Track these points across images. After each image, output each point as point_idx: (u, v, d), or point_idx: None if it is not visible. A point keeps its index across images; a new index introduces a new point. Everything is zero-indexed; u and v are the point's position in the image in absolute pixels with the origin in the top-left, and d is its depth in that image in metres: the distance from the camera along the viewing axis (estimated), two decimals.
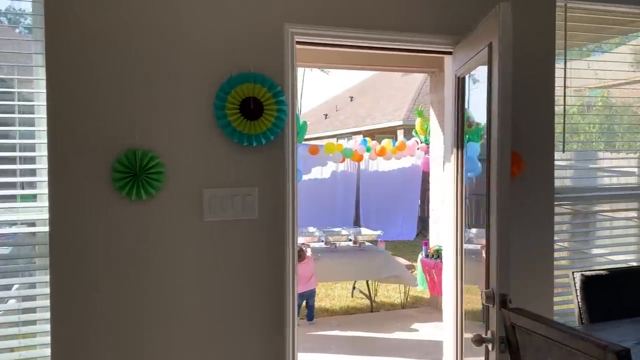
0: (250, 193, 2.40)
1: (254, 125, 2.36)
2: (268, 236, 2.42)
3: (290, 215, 2.44)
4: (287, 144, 2.43)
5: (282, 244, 2.44)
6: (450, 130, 2.75)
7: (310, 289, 5.74)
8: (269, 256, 2.43)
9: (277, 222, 2.43)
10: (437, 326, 5.73)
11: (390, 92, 22.14)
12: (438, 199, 6.53)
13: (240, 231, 2.39)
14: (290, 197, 2.44)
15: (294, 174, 2.45)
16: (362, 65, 6.11)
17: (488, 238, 2.02)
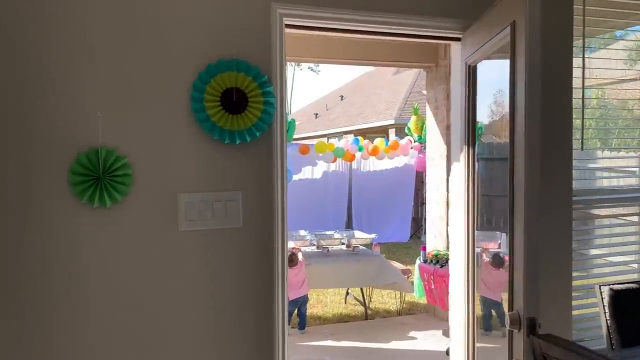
0: (233, 198, 2.08)
1: (237, 119, 2.05)
2: (255, 248, 2.11)
3: (280, 223, 2.13)
4: (275, 141, 2.12)
5: (271, 257, 2.13)
6: (459, 125, 2.46)
7: (302, 296, 5.43)
8: (256, 270, 2.12)
9: (264, 231, 2.12)
10: (435, 335, 5.45)
11: (381, 90, 21.89)
12: (435, 200, 6.24)
13: (222, 242, 2.07)
14: (280, 202, 2.13)
15: (284, 176, 2.14)
16: (354, 60, 5.81)
17: (512, 250, 1.72)
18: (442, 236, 6.03)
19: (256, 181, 2.11)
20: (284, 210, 2.15)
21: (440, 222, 6.06)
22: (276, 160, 2.12)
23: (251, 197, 2.10)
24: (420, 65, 6.23)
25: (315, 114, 26.11)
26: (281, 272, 2.12)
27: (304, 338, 5.41)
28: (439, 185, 6.07)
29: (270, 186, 2.12)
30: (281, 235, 2.13)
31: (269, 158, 2.12)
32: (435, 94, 6.13)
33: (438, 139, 6.07)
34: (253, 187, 2.10)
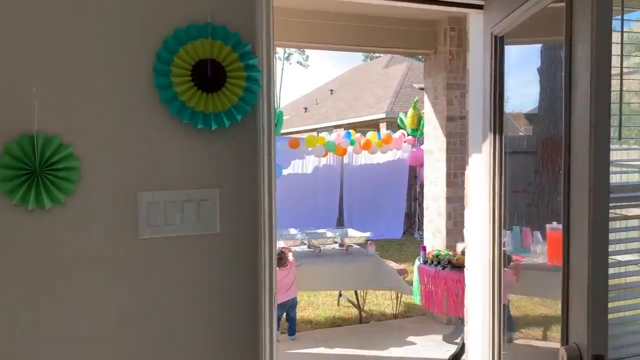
0: (208, 197, 1.67)
1: (212, 99, 1.64)
2: (236, 259, 1.70)
3: (267, 227, 1.72)
4: (261, 126, 1.71)
5: (255, 270, 1.72)
6: (479, 110, 2.06)
7: (290, 299, 5.04)
8: (237, 288, 1.71)
9: (248, 238, 1.72)
10: (435, 340, 5.09)
11: (371, 84, 21.56)
12: (433, 196, 5.87)
13: (194, 253, 1.66)
14: (267, 202, 1.72)
15: (272, 169, 1.74)
16: (347, 46, 5.42)
17: (567, 263, 1.34)
18: (440, 234, 5.66)
19: (237, 176, 1.70)
20: (272, 211, 1.75)
21: (439, 219, 5.69)
22: (262, 150, 1.71)
23: (231, 195, 1.69)
24: (418, 52, 5.85)
25: (305, 108, 25.72)
26: (268, 290, 1.72)
27: (294, 345, 5.03)
28: (438, 180, 5.69)
29: (254, 182, 1.71)
30: (268, 243, 1.72)
31: (253, 147, 1.71)
32: (434, 83, 5.75)
33: (437, 131, 5.70)
34: (233, 183, 1.70)
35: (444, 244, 5.62)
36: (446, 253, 4.73)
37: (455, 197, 5.61)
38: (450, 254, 4.71)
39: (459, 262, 4.51)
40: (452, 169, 5.59)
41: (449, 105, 5.55)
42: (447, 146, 5.56)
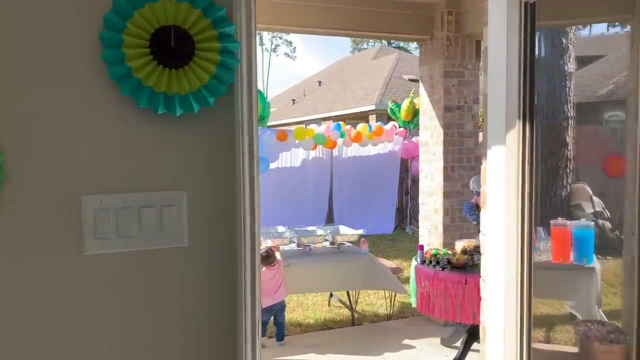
0: (173, 201, 1.33)
1: (177, 77, 1.29)
2: (209, 279, 1.36)
3: (248, 238, 1.38)
4: (239, 111, 1.37)
5: (234, 293, 1.38)
6: (501, 93, 1.74)
7: (278, 302, 4.70)
8: (212, 317, 1.37)
9: (224, 253, 1.37)
10: (432, 343, 4.80)
11: (360, 75, 21.21)
12: (429, 191, 5.56)
13: (156, 272, 1.32)
14: (247, 206, 1.38)
15: (253, 164, 1.39)
16: (336, 30, 5.06)
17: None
18: (437, 231, 5.36)
19: (210, 174, 1.35)
20: (255, 217, 1.40)
21: (436, 215, 5.39)
22: (241, 141, 1.37)
23: (203, 199, 1.35)
24: (413, 37, 5.51)
25: (293, 100, 25.31)
26: (250, 319, 1.38)
27: (283, 351, 4.70)
28: (434, 174, 5.38)
29: (232, 182, 1.37)
30: (250, 257, 1.38)
31: (230, 138, 1.37)
32: (430, 71, 5.42)
33: (434, 122, 5.38)
34: (205, 183, 1.35)
35: (440, 241, 5.32)
36: (445, 252, 4.42)
37: (453, 192, 5.31)
38: (449, 253, 4.40)
39: (459, 262, 4.21)
40: (450, 162, 5.28)
41: (447, 95, 5.23)
42: (445, 138, 5.25)
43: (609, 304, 4.39)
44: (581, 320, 3.92)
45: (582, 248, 3.73)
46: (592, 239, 3.76)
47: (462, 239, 4.87)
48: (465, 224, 5.24)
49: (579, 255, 3.72)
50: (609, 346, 3.30)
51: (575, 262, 3.71)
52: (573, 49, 5.70)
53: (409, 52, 34.36)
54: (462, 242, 4.52)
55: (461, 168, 5.30)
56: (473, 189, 4.57)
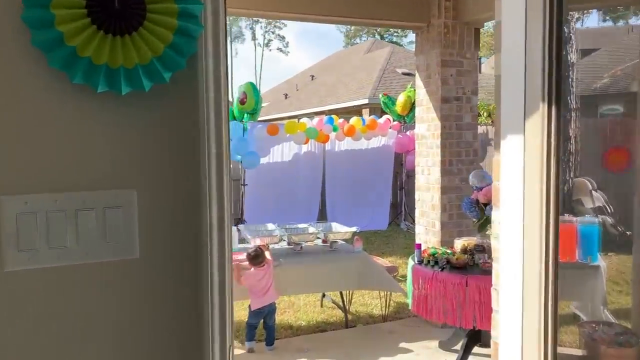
0: (119, 202, 1.06)
1: (123, 46, 1.02)
2: (166, 301, 1.10)
3: (215, 248, 1.12)
4: (203, 89, 1.10)
5: (199, 317, 1.12)
6: (517, 76, 1.48)
7: (268, 304, 4.44)
8: (169, 344, 1.11)
9: (185, 267, 1.11)
10: (430, 347, 4.56)
11: (353, 69, 20.94)
12: (426, 186, 5.31)
13: (98, 293, 1.05)
14: (214, 209, 1.12)
15: (222, 156, 1.13)
16: (327, 17, 4.78)
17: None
18: (434, 228, 5.11)
19: (167, 168, 1.09)
20: (224, 221, 1.14)
21: (433, 211, 5.14)
22: (206, 128, 1.10)
23: (157, 199, 1.08)
24: (409, 25, 5.24)
25: (285, 95, 25.00)
26: (219, 345, 1.11)
27: (273, 356, 4.45)
28: (432, 169, 5.13)
29: (195, 179, 1.11)
30: (218, 273, 1.12)
31: (194, 123, 1.10)
32: (426, 60, 5.15)
33: (430, 114, 5.12)
34: (161, 180, 1.08)
35: (438, 239, 5.08)
36: (444, 251, 4.17)
37: (451, 187, 5.06)
38: (448, 252, 4.16)
39: (459, 262, 3.96)
40: (448, 156, 5.02)
41: (444, 85, 4.96)
42: (442, 131, 4.99)
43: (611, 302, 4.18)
44: (586, 322, 3.70)
45: (587, 245, 3.51)
46: (597, 235, 3.55)
47: (461, 236, 4.63)
48: (464, 220, 5.00)
49: (584, 253, 3.50)
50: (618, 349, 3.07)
51: (580, 261, 3.49)
52: (575, 40, 5.45)
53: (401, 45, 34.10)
54: (462, 241, 4.27)
55: (459, 162, 5.05)
56: (473, 184, 4.32)
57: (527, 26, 1.44)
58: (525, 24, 1.47)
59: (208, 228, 1.11)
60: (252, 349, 4.47)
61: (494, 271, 1.72)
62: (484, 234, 4.22)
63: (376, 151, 10.19)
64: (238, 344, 4.76)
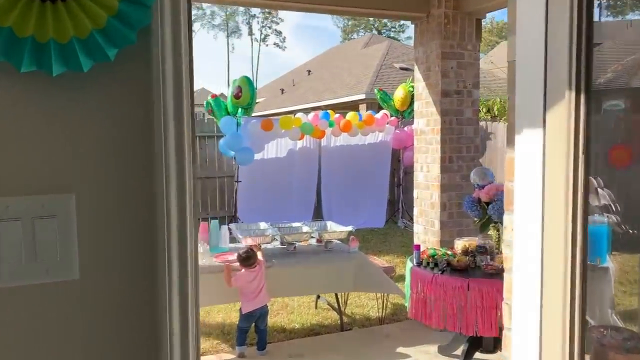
0: (53, 211, 0.85)
1: (55, 15, 0.81)
2: (115, 331, 0.89)
3: (175, 265, 0.91)
4: (159, 70, 0.89)
5: (157, 346, 0.91)
6: (536, 60, 1.28)
7: (260, 307, 4.23)
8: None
9: (138, 288, 0.90)
10: (429, 352, 4.36)
11: (350, 64, 20.71)
12: (424, 184, 5.11)
13: (26, 322, 0.85)
14: (174, 217, 0.91)
15: (183, 154, 0.92)
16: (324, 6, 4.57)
17: None
18: (433, 228, 4.91)
19: (113, 169, 0.88)
20: (185, 231, 0.93)
21: (432, 210, 4.94)
22: (162, 118, 0.89)
23: (102, 205, 0.88)
24: (408, 15, 5.03)
25: (282, 90, 24.76)
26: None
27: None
28: (431, 166, 4.93)
29: (149, 178, 0.90)
30: (177, 295, 0.91)
31: (146, 112, 0.89)
32: (426, 52, 4.94)
33: (430, 108, 4.91)
34: (106, 182, 0.88)
35: (437, 239, 4.88)
36: (444, 253, 3.98)
37: (451, 185, 4.86)
38: (448, 253, 3.96)
39: (460, 264, 3.76)
40: (448, 152, 4.82)
41: (444, 78, 4.76)
42: (442, 126, 4.78)
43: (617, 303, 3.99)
44: (594, 326, 3.51)
45: (595, 246, 3.32)
46: (607, 236, 3.37)
47: (461, 236, 4.44)
48: (464, 219, 4.80)
49: (592, 254, 3.31)
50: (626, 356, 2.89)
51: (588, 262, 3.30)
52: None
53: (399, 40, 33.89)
54: (463, 241, 4.08)
55: (460, 159, 4.84)
56: (474, 181, 4.12)
57: (548, 1, 1.24)
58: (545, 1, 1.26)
59: (166, 239, 0.91)
60: (243, 353, 4.28)
61: (505, 284, 1.52)
62: (486, 234, 4.02)
63: (373, 147, 9.98)
64: (228, 348, 4.56)
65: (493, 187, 3.96)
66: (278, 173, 9.15)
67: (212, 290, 4.20)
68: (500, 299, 3.61)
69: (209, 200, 9.73)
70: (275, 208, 8.85)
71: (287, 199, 9.18)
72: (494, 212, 3.83)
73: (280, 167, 9.19)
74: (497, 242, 4.04)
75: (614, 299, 3.74)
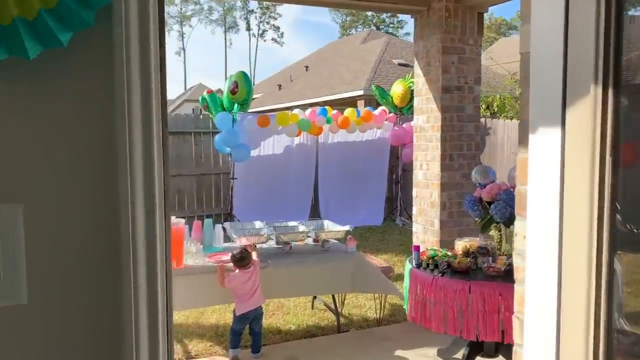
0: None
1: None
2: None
3: (143, 284, 0.78)
4: (122, 57, 0.75)
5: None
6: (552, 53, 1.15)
7: (254, 309, 4.10)
8: None
9: (98, 314, 0.77)
10: (428, 355, 4.24)
11: (348, 60, 20.56)
12: (424, 182, 4.98)
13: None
14: (140, 229, 0.77)
15: (152, 154, 0.79)
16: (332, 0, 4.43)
17: None
18: (433, 227, 4.79)
19: (69, 174, 0.75)
20: (155, 245, 0.80)
21: (432, 209, 4.82)
22: (127, 115, 0.76)
23: (56, 216, 0.74)
24: (408, 9, 4.89)
25: (279, 86, 24.61)
26: None
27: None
28: (431, 163, 4.80)
29: (111, 184, 0.76)
30: (146, 320, 0.78)
31: (106, 108, 0.76)
32: (426, 46, 4.80)
33: (430, 104, 4.78)
34: (61, 189, 0.74)
35: (437, 239, 4.76)
36: (444, 254, 3.85)
37: (451, 184, 4.73)
38: (449, 254, 3.84)
39: (461, 266, 3.64)
40: (448, 150, 4.68)
41: (445, 74, 4.62)
42: (442, 122, 4.65)
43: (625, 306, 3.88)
44: None
45: None
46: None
47: (461, 236, 4.31)
48: (464, 219, 4.68)
49: None
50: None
51: None
52: None
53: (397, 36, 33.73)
54: (463, 242, 3.95)
55: (461, 156, 4.71)
56: (476, 180, 3.99)
57: None
58: None
59: (131, 253, 0.77)
60: (237, 357, 4.15)
61: (516, 296, 1.40)
62: (487, 235, 3.90)
63: (371, 144, 9.85)
64: (222, 350, 4.44)
65: (495, 186, 3.83)
66: (275, 170, 9.01)
67: (205, 291, 4.08)
68: (502, 303, 3.49)
69: (204, 198, 9.59)
70: (272, 205, 8.72)
71: (283, 196, 9.05)
72: (496, 213, 3.71)
73: (277, 164, 9.06)
74: (499, 243, 3.91)
75: (621, 302, 3.61)
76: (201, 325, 5.02)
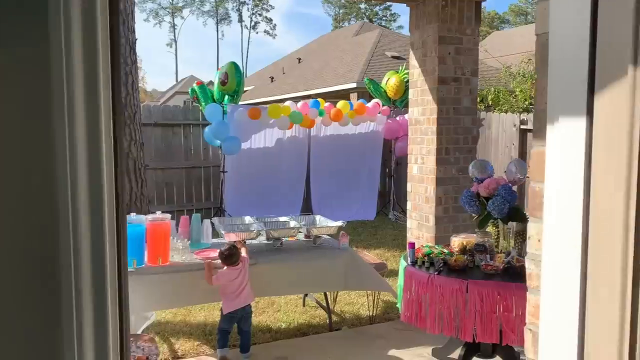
0: None
1: None
2: None
3: (89, 312, 0.62)
4: (60, 45, 0.60)
5: None
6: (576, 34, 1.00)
7: (241, 307, 3.95)
8: None
9: (31, 351, 0.61)
10: (423, 355, 4.13)
11: (341, 53, 20.38)
12: (419, 177, 4.84)
13: None
14: (82, 231, 0.62)
15: (101, 152, 0.63)
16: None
17: None
18: (428, 223, 4.65)
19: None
20: (105, 253, 0.65)
21: (427, 204, 4.68)
22: (66, 100, 0.60)
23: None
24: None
25: (271, 78, 24.37)
26: None
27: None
28: (426, 157, 4.66)
29: (47, 183, 0.61)
30: (94, 338, 0.63)
31: (42, 94, 0.60)
32: (422, 37, 4.65)
33: (425, 96, 4.63)
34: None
35: (432, 235, 4.63)
36: (440, 251, 3.72)
37: (447, 178, 4.59)
38: (445, 251, 3.70)
39: (458, 263, 3.51)
40: (444, 143, 4.54)
41: (441, 65, 4.47)
42: (439, 115, 4.50)
43: None
44: None
45: None
46: None
47: (457, 232, 4.19)
48: (460, 214, 4.55)
49: None
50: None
51: None
52: None
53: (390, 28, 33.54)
54: (460, 238, 3.82)
55: (457, 150, 4.57)
56: (473, 174, 3.85)
57: None
58: None
59: (72, 263, 0.62)
60: (225, 356, 4.00)
61: (529, 306, 1.25)
62: (484, 232, 3.76)
63: (364, 137, 9.69)
64: (210, 350, 4.30)
65: (493, 181, 3.69)
66: (266, 163, 8.84)
67: (193, 288, 3.93)
68: (500, 303, 3.36)
69: (194, 191, 9.42)
70: (263, 199, 8.57)
71: (275, 190, 8.89)
72: (494, 208, 3.57)
73: (268, 157, 8.88)
74: (497, 240, 3.78)
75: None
76: (188, 324, 4.87)
